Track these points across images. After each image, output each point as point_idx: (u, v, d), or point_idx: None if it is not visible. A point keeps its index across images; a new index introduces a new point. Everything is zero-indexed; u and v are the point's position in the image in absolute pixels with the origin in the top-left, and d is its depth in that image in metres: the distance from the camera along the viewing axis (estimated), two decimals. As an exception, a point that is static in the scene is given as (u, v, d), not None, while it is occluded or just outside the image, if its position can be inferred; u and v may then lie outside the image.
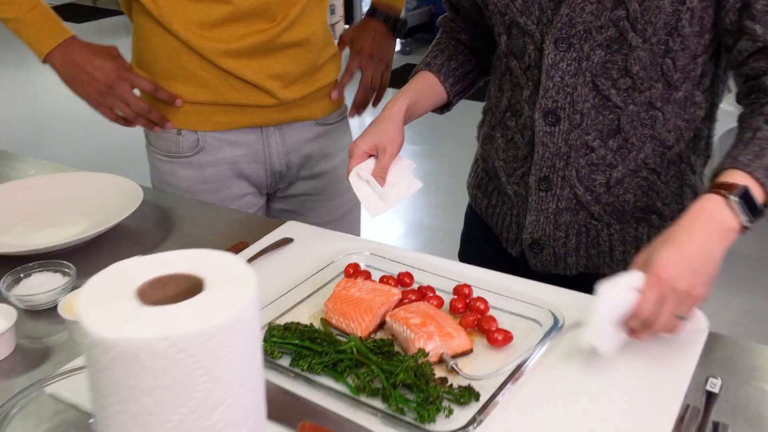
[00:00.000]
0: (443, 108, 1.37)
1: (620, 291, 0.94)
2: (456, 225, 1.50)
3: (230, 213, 1.47)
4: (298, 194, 1.61)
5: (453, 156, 4.27)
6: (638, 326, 0.94)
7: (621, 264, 1.23)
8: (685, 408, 0.88)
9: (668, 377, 0.93)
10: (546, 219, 1.23)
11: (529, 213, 1.23)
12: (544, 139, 1.18)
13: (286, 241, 1.30)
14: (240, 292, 0.61)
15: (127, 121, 1.48)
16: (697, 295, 0.92)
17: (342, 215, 1.64)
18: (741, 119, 1.07)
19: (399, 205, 1.34)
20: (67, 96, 1.53)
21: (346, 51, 1.66)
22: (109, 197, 1.40)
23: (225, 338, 0.58)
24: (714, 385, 0.91)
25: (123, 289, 0.62)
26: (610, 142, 1.15)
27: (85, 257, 1.25)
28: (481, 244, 1.40)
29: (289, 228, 1.36)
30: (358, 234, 1.70)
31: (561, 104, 1.14)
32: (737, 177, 0.95)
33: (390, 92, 1.47)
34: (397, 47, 4.81)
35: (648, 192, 1.19)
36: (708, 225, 0.93)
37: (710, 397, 0.89)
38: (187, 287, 0.63)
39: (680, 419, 0.87)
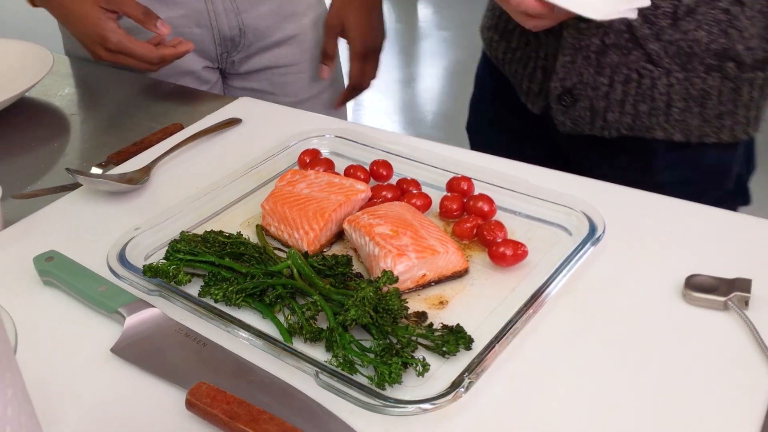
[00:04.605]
0: None
1: None
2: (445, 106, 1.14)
3: (166, 87, 1.13)
4: (261, 68, 1.24)
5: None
6: None
7: (679, 125, 0.91)
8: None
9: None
10: (585, 60, 0.90)
11: (562, 52, 0.91)
12: None
13: (232, 123, 0.98)
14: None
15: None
16: None
17: (320, 92, 1.29)
18: None
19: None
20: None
21: None
22: (8, 66, 1.10)
23: None
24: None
25: None
26: None
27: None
28: (493, 104, 1.11)
29: (240, 105, 1.04)
30: (344, 116, 1.36)
31: None
32: None
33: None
34: None
35: (727, 30, 0.86)
36: None
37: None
38: None
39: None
